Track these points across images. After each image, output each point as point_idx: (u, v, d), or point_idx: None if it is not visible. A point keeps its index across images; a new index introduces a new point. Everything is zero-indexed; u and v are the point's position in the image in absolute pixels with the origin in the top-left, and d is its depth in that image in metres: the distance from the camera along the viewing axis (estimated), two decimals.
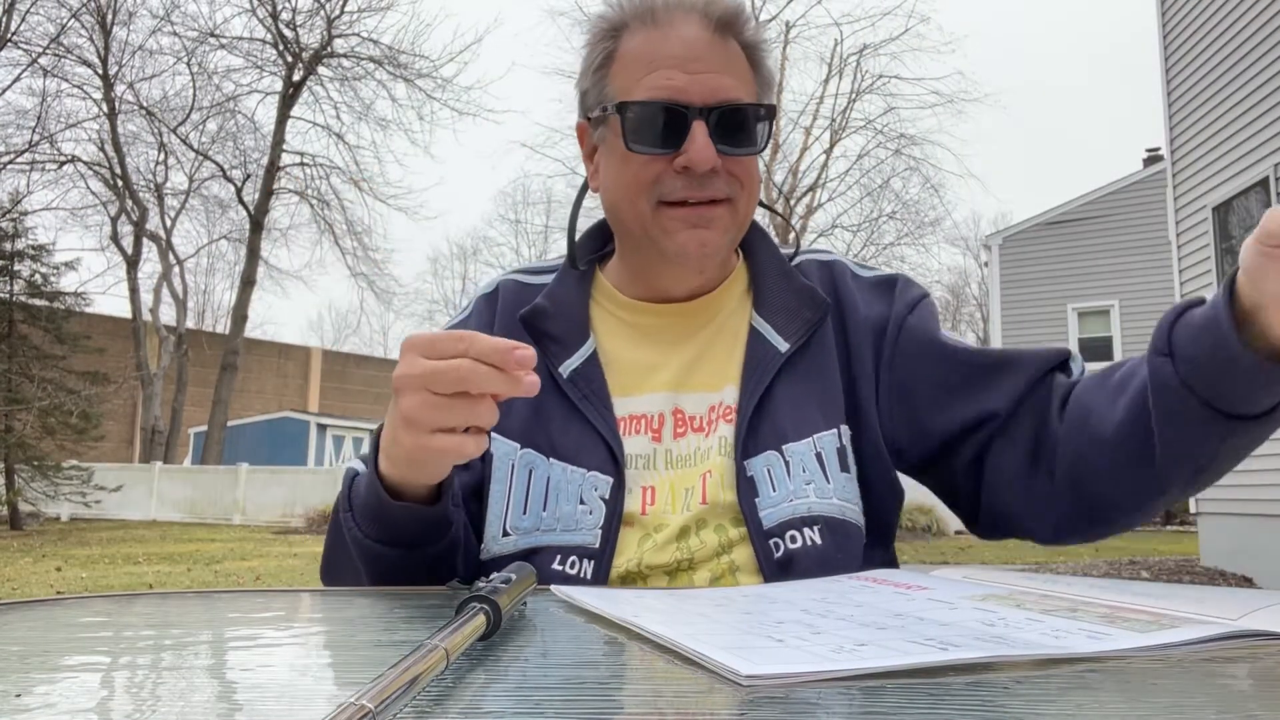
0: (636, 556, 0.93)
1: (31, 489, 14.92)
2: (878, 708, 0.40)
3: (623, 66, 0.98)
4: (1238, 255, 0.73)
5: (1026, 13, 79.88)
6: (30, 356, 15.37)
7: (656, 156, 0.95)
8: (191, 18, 29.60)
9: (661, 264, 1.01)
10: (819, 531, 0.92)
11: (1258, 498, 7.70)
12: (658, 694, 0.46)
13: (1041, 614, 0.61)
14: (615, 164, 0.99)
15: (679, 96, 0.94)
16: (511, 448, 0.99)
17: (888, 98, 22.81)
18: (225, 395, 21.54)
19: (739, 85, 0.97)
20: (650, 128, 0.95)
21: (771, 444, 0.95)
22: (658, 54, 0.96)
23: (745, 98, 0.96)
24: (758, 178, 1.00)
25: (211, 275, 38.26)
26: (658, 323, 1.04)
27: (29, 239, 16.08)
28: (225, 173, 23.54)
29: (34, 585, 7.52)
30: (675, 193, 0.95)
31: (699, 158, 0.92)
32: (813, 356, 1.00)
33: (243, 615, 0.70)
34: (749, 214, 1.01)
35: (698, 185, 0.94)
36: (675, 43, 0.96)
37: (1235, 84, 8.17)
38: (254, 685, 0.48)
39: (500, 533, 0.97)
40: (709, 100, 0.94)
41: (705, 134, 0.93)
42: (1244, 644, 0.53)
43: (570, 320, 1.03)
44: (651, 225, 0.97)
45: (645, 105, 0.95)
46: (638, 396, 1.01)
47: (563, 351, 1.01)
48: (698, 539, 0.94)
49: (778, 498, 0.93)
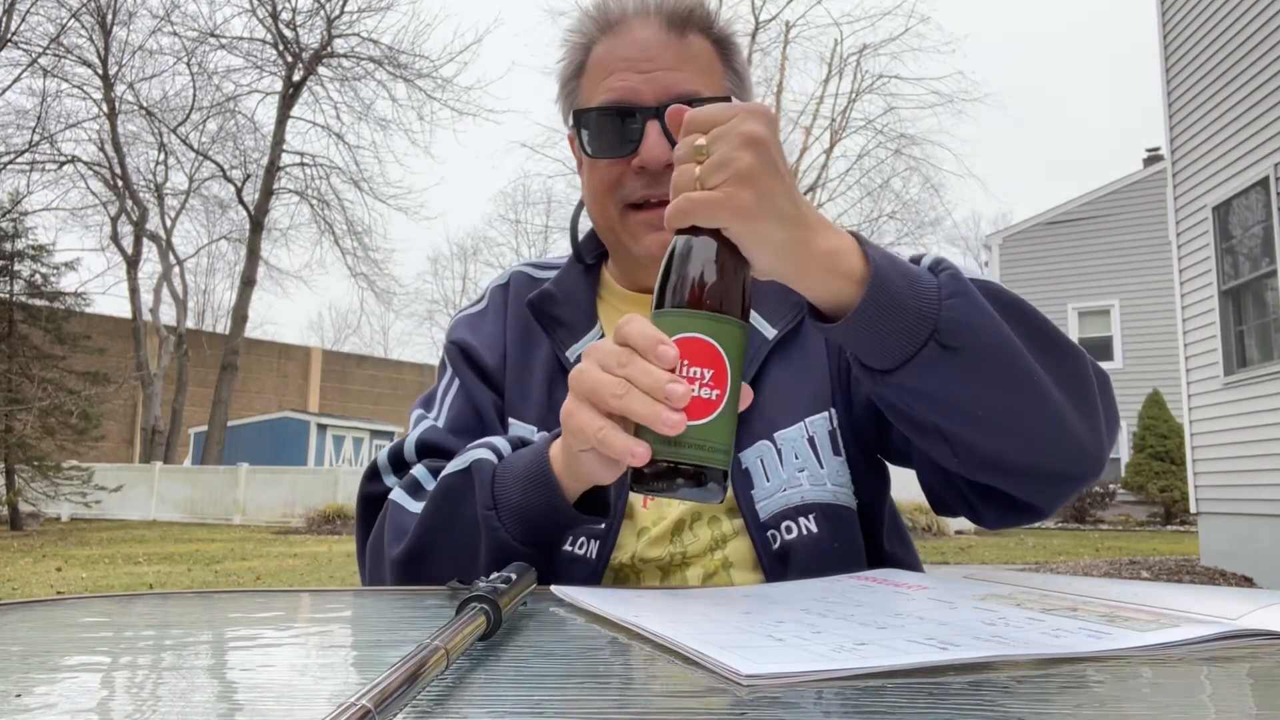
0: (632, 550, 0.93)
1: (32, 489, 14.92)
2: (877, 707, 0.40)
3: (587, 77, 1.00)
4: (1238, 255, 0.72)
5: (1026, 13, 79.90)
6: (30, 357, 15.38)
7: (616, 160, 0.96)
8: (191, 18, 29.65)
9: (639, 266, 1.02)
10: (814, 520, 0.92)
11: (1258, 497, 7.70)
12: (658, 694, 0.46)
13: (1042, 613, 0.61)
14: (586, 172, 1.01)
15: (630, 97, 0.94)
16: (529, 430, 1.01)
17: (888, 98, 22.82)
18: (225, 395, 21.54)
19: (696, 80, 0.96)
20: (607, 132, 0.96)
21: (763, 434, 0.95)
22: (613, 58, 0.97)
23: (704, 92, 0.95)
24: None
25: (212, 275, 38.31)
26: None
27: (29, 239, 16.09)
28: (225, 173, 23.55)
29: (34, 585, 7.52)
30: (636, 193, 0.96)
31: (650, 156, 0.92)
32: (802, 342, 1.00)
33: (243, 615, 0.70)
34: None
35: (657, 184, 0.94)
36: (629, 45, 0.96)
37: (1235, 84, 8.16)
38: (254, 685, 0.48)
39: None
40: (662, 98, 0.93)
41: (659, 132, 0.92)
42: (1244, 643, 0.53)
43: (577, 307, 1.05)
44: (621, 230, 0.99)
45: (599, 110, 0.96)
46: None
47: (570, 336, 1.03)
48: (691, 533, 0.94)
49: (771, 488, 0.93)
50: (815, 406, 0.97)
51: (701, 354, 0.66)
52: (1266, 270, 7.59)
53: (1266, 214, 7.61)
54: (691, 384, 0.64)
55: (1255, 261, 7.82)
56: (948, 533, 13.38)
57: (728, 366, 0.66)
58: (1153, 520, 15.00)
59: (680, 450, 0.65)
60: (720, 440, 0.66)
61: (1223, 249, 8.25)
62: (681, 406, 0.63)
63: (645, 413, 0.64)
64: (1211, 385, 8.45)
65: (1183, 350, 9.01)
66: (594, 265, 1.11)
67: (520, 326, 1.07)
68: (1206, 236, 8.48)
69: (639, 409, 0.64)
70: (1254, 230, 7.84)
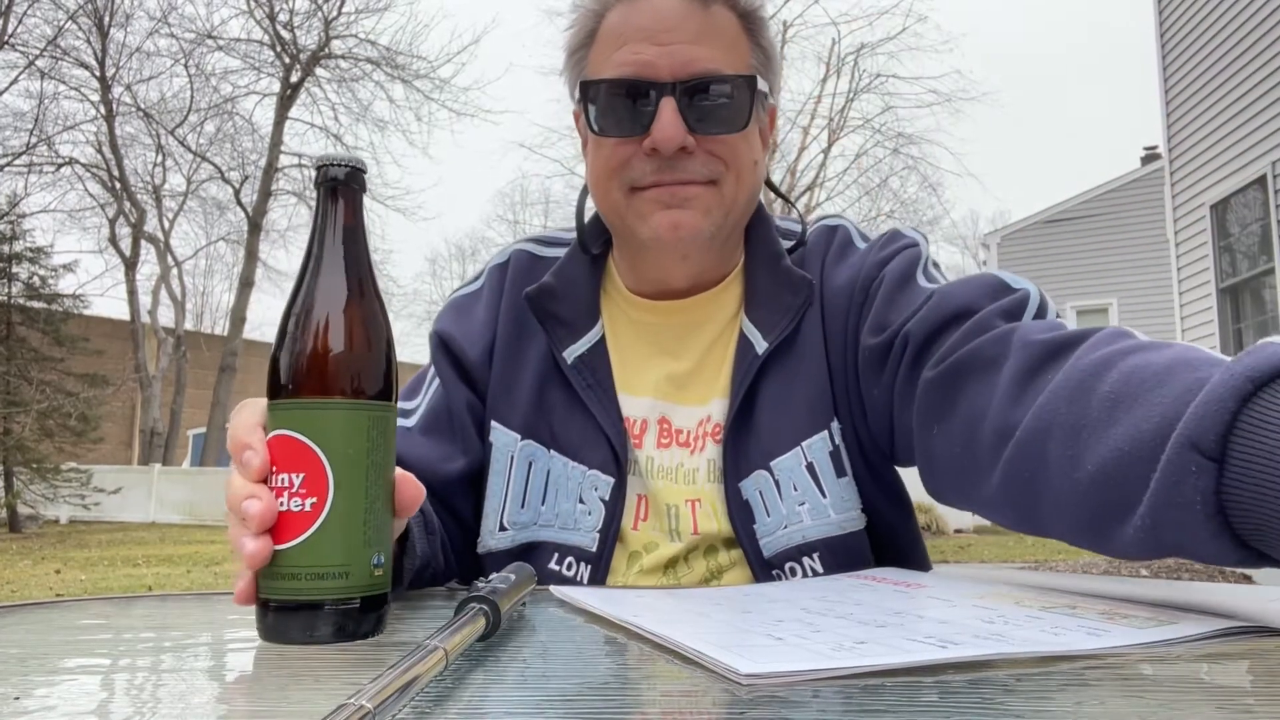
0: (625, 579, 0.91)
1: (30, 491, 14.89)
2: (877, 705, 0.40)
3: (598, 46, 0.91)
4: (1236, 253, 0.69)
5: (1024, 12, 79.93)
6: (29, 359, 15.35)
7: (625, 140, 0.87)
8: (189, 19, 29.55)
9: (643, 253, 0.94)
10: (819, 559, 0.88)
11: None
12: (658, 694, 0.46)
13: (1041, 610, 0.61)
14: (591, 151, 0.92)
15: (645, 71, 0.85)
16: (512, 439, 0.95)
17: (885, 97, 22.80)
18: (224, 397, 21.51)
19: (718, 56, 0.87)
20: (617, 108, 0.87)
21: (760, 463, 0.89)
22: (628, 27, 0.87)
23: (725, 69, 0.86)
24: (749, 156, 0.90)
25: (210, 277, 38.31)
26: (656, 322, 0.97)
27: (27, 241, 16.04)
28: (223, 174, 23.51)
29: (33, 588, 7.51)
30: (645, 178, 0.87)
31: (663, 136, 0.84)
32: (799, 349, 0.92)
33: (242, 617, 0.70)
34: (739, 198, 0.90)
35: (669, 169, 0.86)
36: (646, 13, 0.87)
37: (1232, 82, 8.17)
38: (253, 686, 0.48)
39: (497, 527, 0.94)
40: (679, 74, 0.85)
41: (673, 110, 0.84)
42: (1243, 640, 0.53)
43: (578, 303, 0.97)
44: (626, 213, 0.90)
45: (609, 84, 0.87)
46: (626, 396, 0.95)
47: (569, 335, 0.95)
48: (686, 566, 0.91)
49: (773, 524, 0.88)
50: (813, 425, 0.89)
51: (290, 455, 0.55)
52: (1264, 268, 7.60)
53: (1264, 212, 7.62)
54: (279, 495, 0.54)
55: (1253, 259, 7.82)
56: (947, 531, 13.37)
57: (326, 467, 0.55)
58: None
59: (272, 584, 0.55)
60: (323, 561, 0.54)
61: (1220, 247, 8.26)
62: (259, 530, 0.54)
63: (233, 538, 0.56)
64: None
65: None
66: (600, 255, 1.02)
67: (515, 314, 0.99)
68: (1204, 234, 8.48)
69: (231, 534, 0.57)
70: (1252, 228, 7.84)
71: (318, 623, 0.55)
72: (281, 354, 0.58)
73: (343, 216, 0.62)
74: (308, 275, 0.60)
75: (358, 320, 0.60)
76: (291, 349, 0.58)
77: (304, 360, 0.58)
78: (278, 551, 0.55)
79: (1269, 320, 7.68)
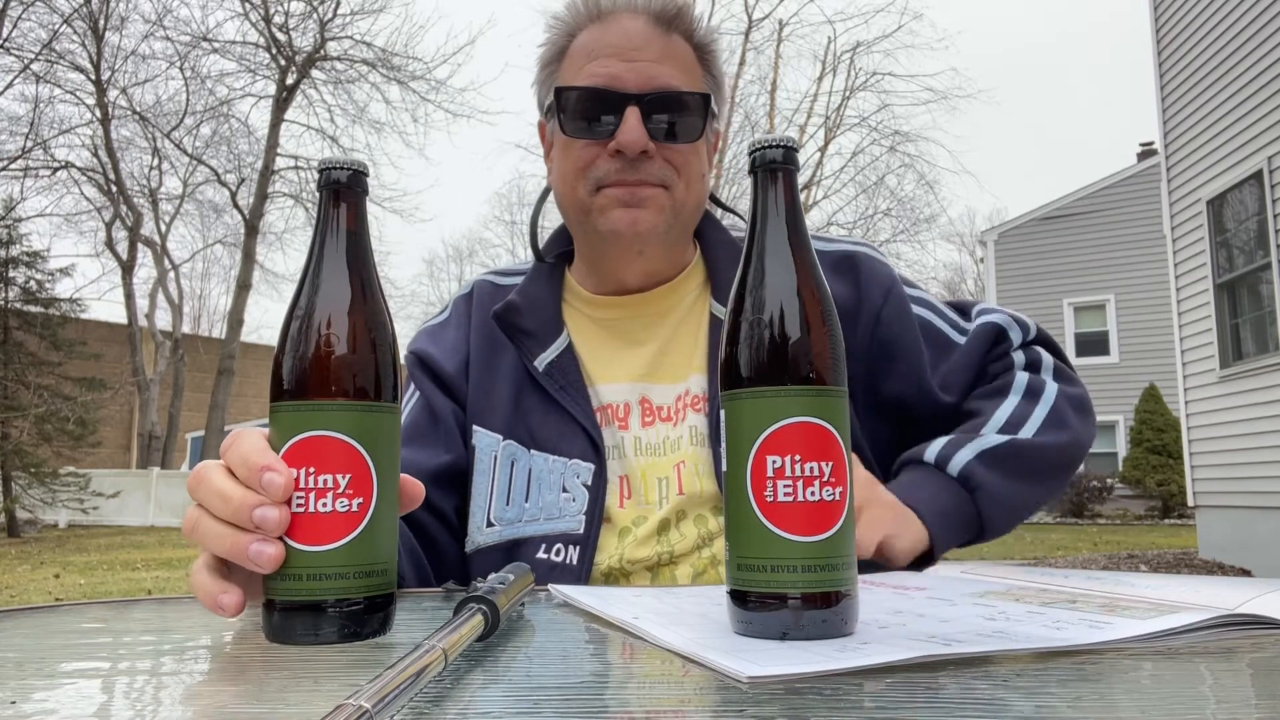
0: (618, 553, 0.94)
1: (29, 496, 14.88)
2: (879, 704, 0.40)
3: (569, 61, 1.01)
4: (1233, 248, 0.73)
5: (1019, 8, 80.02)
6: (26, 363, 15.34)
7: (592, 142, 0.97)
8: (184, 22, 29.50)
9: (603, 248, 1.02)
10: None
11: (1255, 490, 7.71)
12: (658, 694, 0.46)
13: (1041, 606, 0.61)
14: (558, 153, 1.02)
15: (614, 83, 0.96)
16: (494, 440, 1.01)
17: (881, 95, 22.87)
18: (222, 400, 21.49)
19: (678, 76, 0.98)
20: (587, 113, 0.97)
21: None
22: (599, 44, 0.99)
23: (684, 88, 0.98)
24: (699, 168, 1.01)
25: (207, 280, 38.21)
26: (620, 315, 1.06)
27: (23, 245, 16.03)
28: (219, 177, 23.49)
29: (32, 592, 7.50)
30: (609, 176, 0.97)
31: (628, 140, 0.94)
32: None
33: (242, 618, 0.70)
34: (688, 202, 1.01)
35: (630, 169, 0.96)
36: (616, 34, 0.98)
37: (1228, 77, 8.18)
38: (253, 688, 0.48)
39: (484, 523, 0.99)
40: (644, 87, 0.96)
41: (638, 118, 0.95)
42: (1243, 633, 0.53)
43: (543, 315, 1.05)
44: (591, 206, 0.99)
45: (581, 91, 0.97)
46: (604, 386, 1.03)
47: (537, 346, 1.03)
48: (678, 532, 0.95)
49: None
50: None
51: (333, 456, 0.56)
52: (1261, 263, 7.61)
53: (1260, 207, 7.63)
54: (321, 496, 0.55)
55: (1250, 254, 7.83)
56: None
57: (370, 468, 0.57)
58: (1150, 514, 15.03)
59: (311, 585, 0.55)
60: (369, 560, 0.56)
61: (1217, 242, 8.27)
62: (277, 533, 0.55)
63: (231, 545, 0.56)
64: (1208, 379, 8.46)
65: (1179, 344, 9.02)
66: (557, 265, 1.11)
67: (485, 334, 1.08)
68: (1201, 230, 8.49)
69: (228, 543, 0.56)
70: (1248, 223, 7.85)
71: (360, 620, 0.56)
72: (316, 356, 0.58)
73: (345, 220, 0.63)
74: (332, 277, 0.60)
75: (389, 324, 0.62)
76: (337, 350, 0.58)
77: (352, 363, 0.58)
78: (320, 553, 0.55)
79: (1266, 315, 7.69)
